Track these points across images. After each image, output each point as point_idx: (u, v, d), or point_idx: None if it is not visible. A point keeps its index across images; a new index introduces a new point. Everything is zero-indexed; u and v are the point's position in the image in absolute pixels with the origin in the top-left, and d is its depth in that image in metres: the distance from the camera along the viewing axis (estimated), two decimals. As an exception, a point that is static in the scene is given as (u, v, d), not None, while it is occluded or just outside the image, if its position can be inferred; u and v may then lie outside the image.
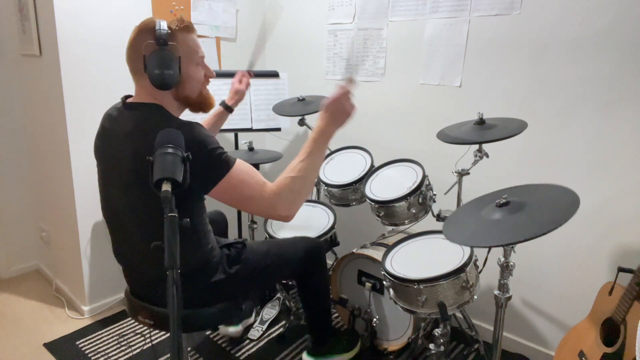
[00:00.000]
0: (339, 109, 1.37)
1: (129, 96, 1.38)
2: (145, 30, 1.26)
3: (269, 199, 1.29)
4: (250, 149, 2.41)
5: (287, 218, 1.33)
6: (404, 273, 1.59)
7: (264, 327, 2.28)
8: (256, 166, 2.39)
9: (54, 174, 2.43)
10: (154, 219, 0.92)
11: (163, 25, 1.24)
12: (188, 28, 1.31)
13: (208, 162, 1.23)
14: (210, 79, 1.41)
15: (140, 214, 1.29)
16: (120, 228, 1.39)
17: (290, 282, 2.54)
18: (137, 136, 1.24)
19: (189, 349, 2.14)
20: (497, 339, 1.52)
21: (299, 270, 1.74)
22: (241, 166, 1.29)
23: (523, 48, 1.93)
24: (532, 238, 1.13)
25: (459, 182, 1.87)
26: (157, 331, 2.26)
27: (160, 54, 1.23)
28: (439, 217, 1.82)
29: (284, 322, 2.34)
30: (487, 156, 1.75)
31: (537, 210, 1.24)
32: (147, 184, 1.00)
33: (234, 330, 2.17)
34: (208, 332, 2.26)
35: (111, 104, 1.45)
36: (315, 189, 2.33)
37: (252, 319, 2.31)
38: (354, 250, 2.05)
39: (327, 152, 2.34)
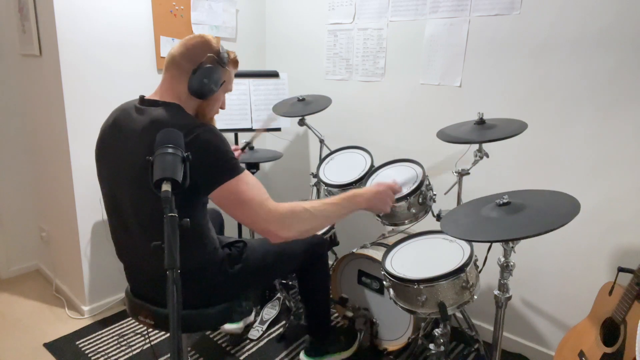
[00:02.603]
0: (382, 200, 1.53)
1: (144, 97, 1.39)
2: (211, 44, 1.36)
3: (267, 213, 1.28)
4: (251, 147, 2.41)
5: (276, 238, 1.31)
6: (404, 273, 1.59)
7: (264, 327, 2.28)
8: (256, 165, 2.41)
9: (54, 174, 2.43)
10: (161, 217, 0.92)
11: (226, 51, 1.38)
12: (236, 64, 1.46)
13: (217, 164, 1.25)
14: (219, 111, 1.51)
15: (147, 211, 1.29)
16: (124, 226, 1.38)
17: (290, 282, 2.55)
18: (154, 131, 1.23)
19: (189, 349, 2.14)
20: (497, 339, 1.52)
21: (300, 264, 1.74)
22: (249, 176, 1.30)
23: (523, 48, 1.93)
24: (530, 236, 1.14)
25: (459, 182, 1.87)
26: (157, 331, 2.26)
27: (216, 69, 1.34)
28: (439, 217, 1.82)
29: (284, 322, 2.34)
30: (487, 156, 1.75)
31: (537, 212, 1.25)
32: None
33: (235, 327, 2.17)
34: (208, 332, 2.26)
35: (111, 104, 1.45)
36: (315, 189, 2.33)
37: (252, 317, 2.31)
38: (354, 250, 2.05)
39: (327, 152, 2.34)
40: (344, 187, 2.06)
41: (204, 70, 1.32)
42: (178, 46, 1.36)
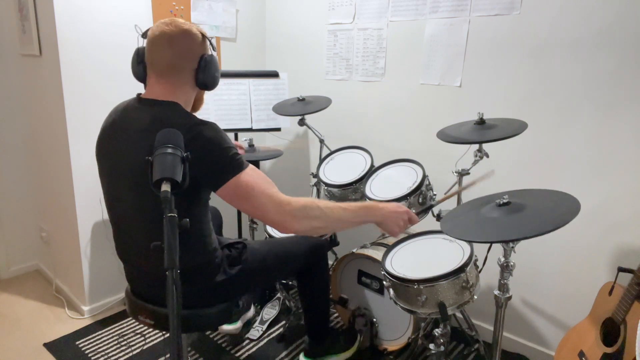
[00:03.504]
0: (396, 222, 1.46)
1: (141, 95, 1.38)
2: (194, 35, 1.33)
3: (278, 205, 1.29)
4: (251, 145, 2.41)
5: (287, 229, 1.32)
6: (404, 273, 1.59)
7: (264, 327, 2.28)
8: (257, 163, 2.41)
9: (54, 174, 2.43)
10: (161, 217, 0.92)
11: (203, 31, 1.36)
12: None
13: (221, 160, 1.25)
14: None
15: (147, 211, 1.29)
16: (125, 225, 1.38)
17: (290, 282, 2.54)
18: (155, 130, 1.21)
19: (188, 348, 2.14)
20: (497, 339, 1.52)
21: (301, 268, 1.74)
22: (254, 170, 1.31)
23: (523, 48, 1.92)
24: (531, 237, 1.13)
25: (459, 182, 1.87)
26: (156, 332, 2.26)
27: (216, 59, 1.36)
28: (439, 217, 1.81)
29: (284, 322, 2.34)
30: (487, 156, 1.75)
31: (537, 211, 1.25)
32: None
33: (233, 327, 2.17)
34: (208, 332, 2.26)
35: (111, 103, 1.45)
36: (315, 189, 2.33)
37: (251, 313, 2.31)
38: (354, 250, 2.05)
39: (327, 152, 2.34)
40: (344, 187, 2.06)
41: (209, 65, 1.34)
42: (166, 48, 1.30)
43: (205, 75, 1.34)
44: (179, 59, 1.32)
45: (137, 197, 1.29)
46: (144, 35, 1.36)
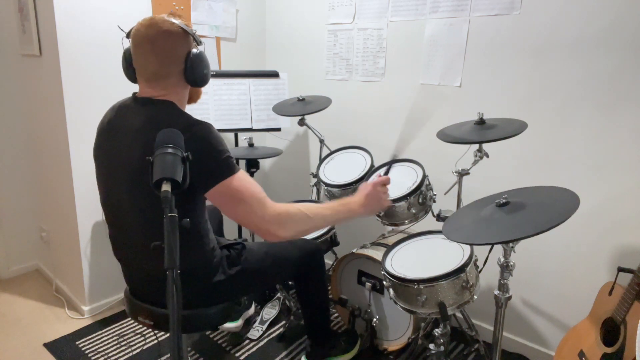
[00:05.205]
0: (375, 199, 1.53)
1: (136, 94, 1.38)
2: (175, 33, 1.29)
3: (265, 211, 1.29)
4: (250, 144, 2.41)
5: (273, 237, 1.33)
6: (404, 273, 1.59)
7: (264, 327, 2.28)
8: (256, 163, 2.41)
9: (54, 174, 2.43)
10: (158, 217, 0.92)
11: (186, 25, 1.31)
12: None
13: (214, 162, 1.24)
14: None
15: (144, 211, 1.29)
16: (122, 226, 1.38)
17: (290, 282, 2.54)
18: (149, 130, 1.23)
19: (188, 348, 2.14)
20: (497, 339, 1.52)
21: (298, 272, 1.74)
22: (245, 175, 1.30)
23: (523, 48, 1.93)
24: (531, 235, 1.13)
25: (459, 182, 1.87)
26: (156, 332, 2.25)
27: (203, 54, 1.33)
28: (439, 217, 1.82)
29: (284, 322, 2.34)
30: (487, 156, 1.75)
31: (537, 210, 1.25)
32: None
33: (234, 325, 2.17)
34: (208, 332, 2.26)
35: (111, 103, 1.45)
36: (315, 189, 2.33)
37: (252, 311, 2.30)
38: (354, 250, 2.05)
39: (327, 152, 2.34)
40: (344, 187, 2.06)
41: (197, 63, 1.31)
42: (149, 54, 1.27)
43: (194, 74, 1.32)
44: (163, 65, 1.29)
45: (134, 196, 1.29)
46: (128, 35, 1.33)
